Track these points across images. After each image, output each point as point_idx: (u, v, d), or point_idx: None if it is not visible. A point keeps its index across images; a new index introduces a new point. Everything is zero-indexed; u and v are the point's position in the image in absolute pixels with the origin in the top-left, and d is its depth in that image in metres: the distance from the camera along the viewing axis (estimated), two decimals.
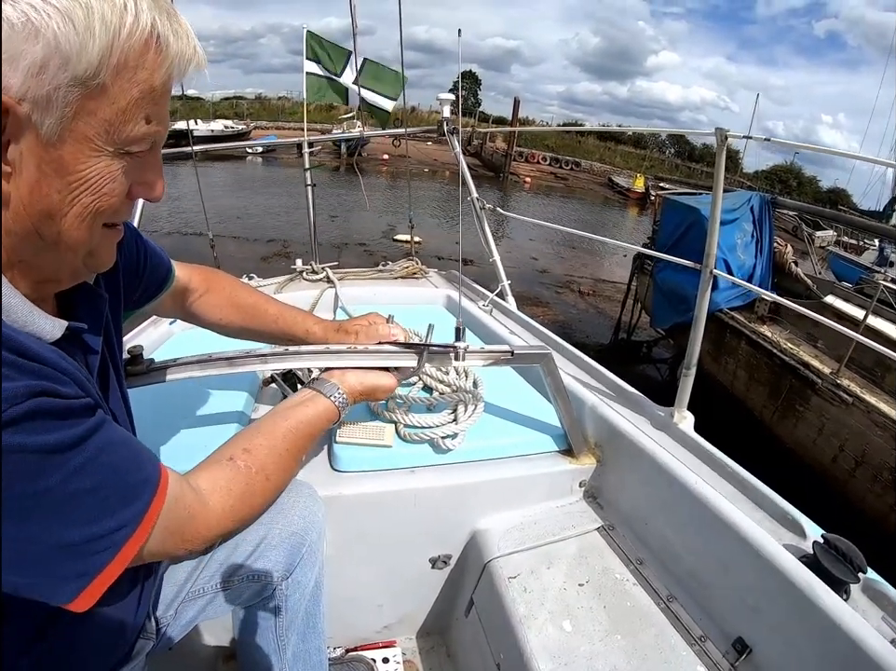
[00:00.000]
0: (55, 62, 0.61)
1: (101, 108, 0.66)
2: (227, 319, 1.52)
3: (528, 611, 1.48)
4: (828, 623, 1.17)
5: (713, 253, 1.86)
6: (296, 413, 1.22)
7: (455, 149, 3.57)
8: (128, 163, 0.73)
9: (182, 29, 0.73)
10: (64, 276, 0.82)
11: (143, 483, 0.80)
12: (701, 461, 1.69)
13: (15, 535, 0.62)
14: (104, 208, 0.73)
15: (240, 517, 1.04)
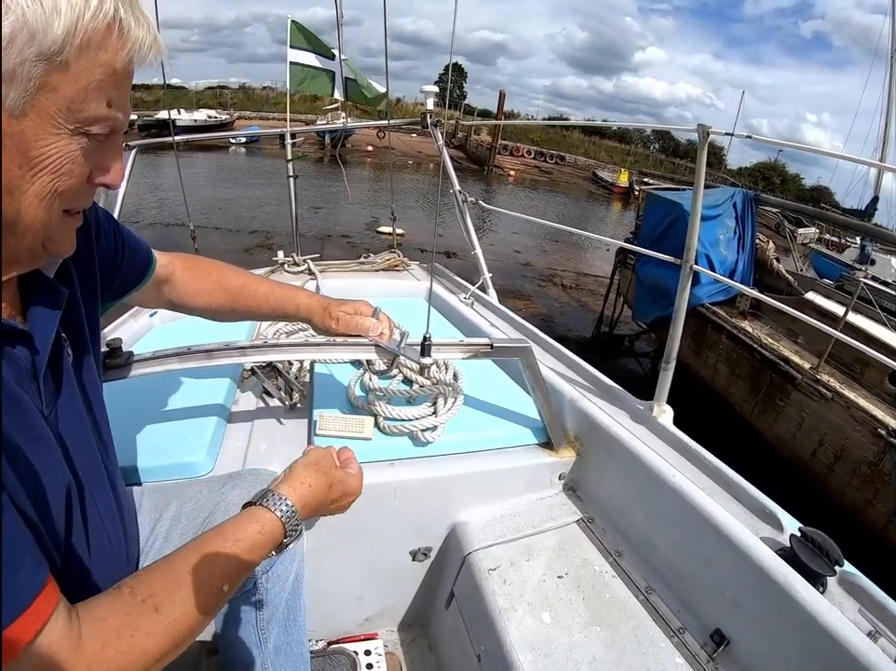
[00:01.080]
0: (22, 37, 0.62)
1: (64, 85, 0.67)
2: (217, 303, 1.49)
3: (508, 603, 1.49)
4: (805, 615, 1.18)
5: (693, 247, 1.87)
6: (219, 531, 0.95)
7: (438, 142, 3.57)
8: (88, 145, 0.73)
9: (143, 17, 0.73)
10: (23, 258, 0.80)
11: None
12: (680, 455, 1.71)
13: None
14: (63, 188, 0.73)
15: (118, 664, 0.75)
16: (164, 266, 1.40)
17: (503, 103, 43.26)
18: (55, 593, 0.72)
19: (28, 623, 0.67)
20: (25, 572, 0.68)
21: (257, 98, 62.14)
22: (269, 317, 1.56)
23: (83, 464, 0.92)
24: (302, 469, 1.13)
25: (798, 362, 6.17)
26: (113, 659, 0.74)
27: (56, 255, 0.85)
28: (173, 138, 3.33)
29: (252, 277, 1.55)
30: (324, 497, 1.13)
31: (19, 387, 0.76)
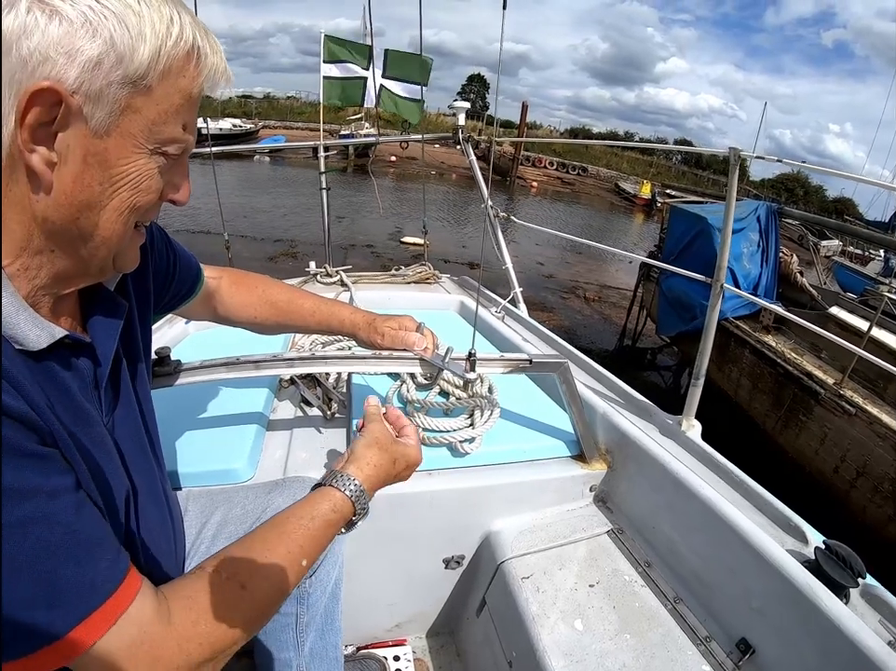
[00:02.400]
0: (109, 60, 0.66)
1: (147, 108, 0.71)
2: (262, 316, 1.52)
3: (541, 610, 1.53)
4: (829, 625, 1.21)
5: (724, 266, 1.91)
6: (293, 510, 0.99)
7: (470, 157, 3.61)
8: (163, 165, 0.77)
9: (216, 46, 0.78)
10: (93, 270, 0.82)
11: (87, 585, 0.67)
12: (708, 468, 1.74)
13: None
14: (140, 204, 0.77)
15: (209, 639, 0.78)
16: (211, 280, 1.43)
17: (525, 115, 43.22)
18: (138, 576, 0.76)
19: (117, 602, 0.70)
20: (110, 557, 0.72)
21: (281, 108, 62.42)
22: (313, 331, 1.60)
23: (137, 470, 0.95)
24: (364, 449, 1.16)
25: (821, 377, 6.10)
26: (204, 634, 0.77)
27: (122, 270, 0.87)
28: (210, 148, 3.38)
29: (297, 291, 1.58)
30: (388, 472, 1.17)
31: (82, 396, 0.79)
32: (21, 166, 0.67)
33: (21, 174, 0.68)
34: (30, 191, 0.69)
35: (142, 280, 1.09)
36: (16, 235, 0.70)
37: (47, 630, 0.63)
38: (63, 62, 0.64)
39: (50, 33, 0.63)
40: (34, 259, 0.73)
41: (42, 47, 0.63)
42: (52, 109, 0.65)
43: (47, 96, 0.64)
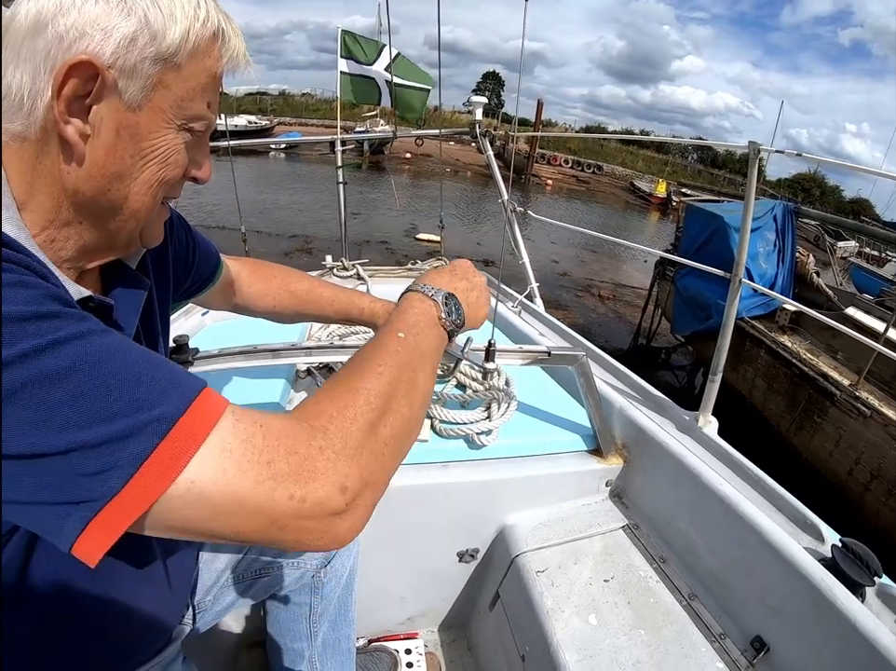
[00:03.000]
0: (143, 38, 0.69)
1: (176, 84, 0.74)
2: (281, 305, 1.52)
3: (555, 605, 1.53)
4: (845, 623, 1.20)
5: (743, 262, 1.90)
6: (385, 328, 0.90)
7: (487, 152, 3.62)
8: (189, 141, 0.80)
9: (237, 29, 0.81)
10: (120, 243, 0.83)
11: (172, 388, 0.60)
12: (725, 465, 1.73)
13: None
14: (168, 178, 0.79)
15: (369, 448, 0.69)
16: (231, 268, 1.43)
17: (541, 112, 43.16)
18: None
19: (210, 395, 0.63)
20: (184, 373, 0.65)
21: (296, 104, 62.66)
22: (332, 320, 1.60)
23: None
24: (433, 273, 1.12)
25: (837, 379, 6.07)
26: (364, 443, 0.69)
27: (147, 244, 0.89)
28: (228, 143, 3.38)
29: (316, 281, 1.58)
30: (459, 287, 1.10)
31: None
32: (55, 137, 0.69)
33: (54, 146, 0.70)
34: (62, 162, 0.71)
35: (162, 264, 1.10)
36: (45, 206, 0.72)
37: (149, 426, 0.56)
38: (100, 38, 0.66)
39: (87, 10, 0.66)
40: (62, 231, 0.74)
41: (79, 23, 0.65)
42: (88, 83, 0.67)
43: (85, 69, 0.66)
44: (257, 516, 0.60)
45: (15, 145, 0.69)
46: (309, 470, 0.62)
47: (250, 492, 0.59)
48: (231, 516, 0.59)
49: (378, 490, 0.71)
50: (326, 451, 0.64)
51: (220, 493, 0.58)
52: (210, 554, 1.32)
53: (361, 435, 0.69)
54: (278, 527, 0.61)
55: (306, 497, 0.61)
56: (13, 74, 0.66)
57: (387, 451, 0.72)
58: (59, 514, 0.54)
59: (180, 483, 0.56)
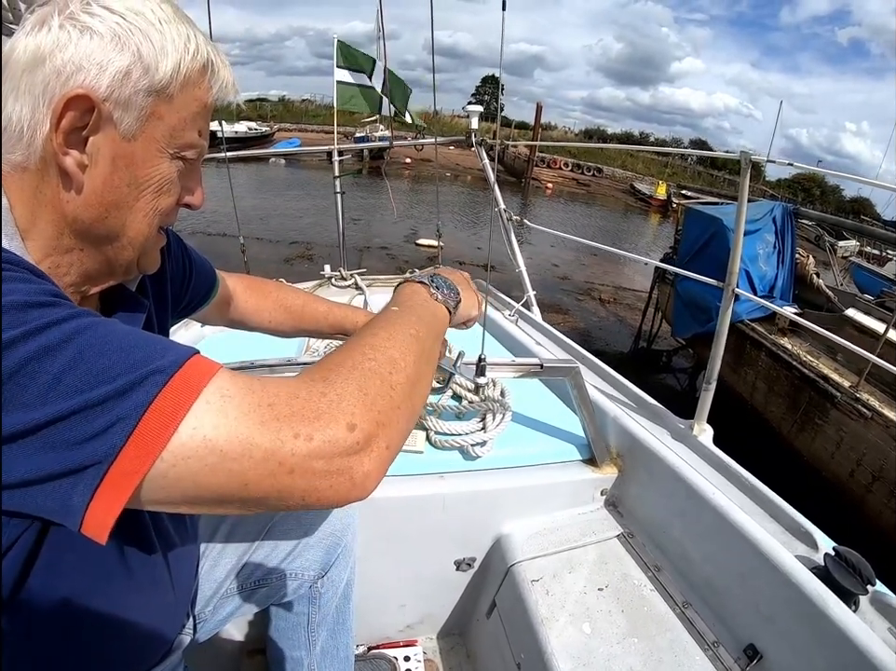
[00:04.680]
0: (137, 71, 0.72)
1: (169, 115, 0.76)
2: (277, 321, 1.53)
3: (550, 613, 1.54)
4: (837, 632, 1.21)
5: (736, 271, 1.91)
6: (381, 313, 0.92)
7: (483, 160, 3.63)
8: (182, 169, 0.82)
9: (225, 61, 0.84)
10: (119, 270, 0.85)
11: (168, 350, 0.61)
12: (719, 473, 1.74)
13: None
14: (163, 206, 0.81)
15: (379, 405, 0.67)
16: (226, 286, 1.44)
17: (540, 116, 43.18)
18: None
19: (204, 358, 0.64)
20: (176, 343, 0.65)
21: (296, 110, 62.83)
22: (327, 335, 1.60)
23: None
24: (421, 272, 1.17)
25: (838, 381, 6.06)
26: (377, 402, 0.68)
27: (145, 271, 0.90)
28: (225, 153, 3.39)
29: (311, 296, 1.59)
30: (450, 278, 1.15)
31: None
32: (55, 168, 0.72)
33: (54, 176, 0.73)
34: (61, 191, 0.73)
35: (161, 285, 1.11)
36: (47, 233, 0.74)
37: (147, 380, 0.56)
38: (96, 72, 0.69)
39: (83, 46, 0.69)
40: (64, 258, 0.77)
41: (76, 58, 0.68)
42: (85, 115, 0.70)
43: (82, 102, 0.69)
44: (264, 460, 0.59)
45: (16, 175, 0.72)
46: (313, 410, 0.62)
47: (254, 433, 0.59)
48: (237, 461, 0.58)
49: (393, 433, 0.69)
50: (329, 394, 0.64)
51: (224, 437, 0.58)
52: (210, 565, 1.33)
53: (364, 378, 0.68)
54: (287, 470, 0.59)
55: (313, 434, 0.60)
56: (13, 106, 0.69)
57: (396, 394, 0.71)
58: (65, 487, 0.54)
59: (182, 431, 0.56)
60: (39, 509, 0.56)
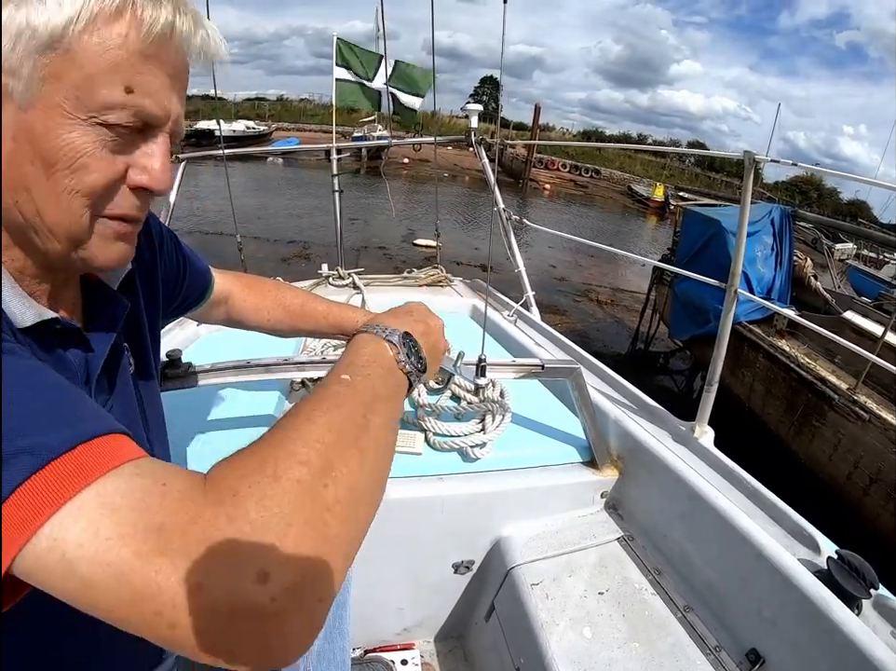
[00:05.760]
0: (27, 32, 0.61)
1: (68, 73, 0.63)
2: (276, 320, 1.50)
3: (550, 618, 1.52)
4: (840, 636, 1.20)
5: (738, 272, 1.90)
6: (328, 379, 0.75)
7: (483, 160, 3.62)
8: (111, 139, 0.67)
9: (170, 5, 0.68)
10: (56, 265, 0.75)
11: (67, 424, 0.51)
12: (721, 476, 1.73)
13: None
14: (84, 186, 0.67)
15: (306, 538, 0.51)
16: (223, 285, 1.42)
17: (538, 117, 43.25)
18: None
19: (119, 442, 0.54)
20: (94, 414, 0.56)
21: (295, 110, 62.95)
22: (326, 334, 1.57)
23: None
24: (386, 315, 1.00)
25: (835, 383, 6.08)
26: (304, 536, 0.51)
27: (93, 267, 0.76)
28: (223, 151, 3.38)
29: (310, 296, 1.56)
30: (417, 329, 0.95)
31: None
32: None
33: None
34: None
35: (152, 282, 1.07)
36: None
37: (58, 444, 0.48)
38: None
39: None
40: (11, 251, 0.71)
41: None
42: None
43: None
44: (137, 603, 0.46)
45: None
46: (210, 546, 0.47)
47: (126, 566, 0.46)
48: (104, 595, 0.47)
49: (328, 576, 0.52)
50: (236, 521, 0.49)
51: (87, 560, 0.46)
52: None
53: (288, 498, 0.52)
54: (167, 623, 0.46)
55: (204, 583, 0.46)
56: None
57: (333, 519, 0.54)
58: None
59: (42, 538, 0.45)
60: None
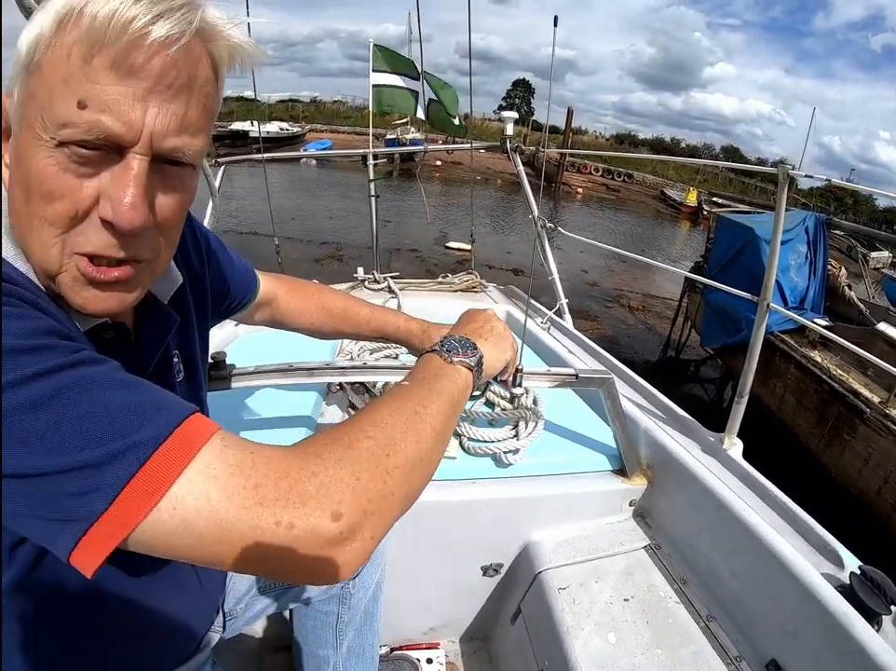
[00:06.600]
0: (17, 55, 0.64)
1: (38, 91, 0.62)
2: (318, 323, 1.53)
3: (575, 622, 1.55)
4: (860, 652, 1.21)
5: (771, 286, 1.92)
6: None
7: (518, 167, 3.65)
8: (73, 161, 0.63)
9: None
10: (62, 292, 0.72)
11: (157, 413, 0.59)
12: (748, 488, 1.74)
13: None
14: (48, 215, 0.64)
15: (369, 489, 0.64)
16: (267, 287, 1.45)
17: (571, 120, 43.06)
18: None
19: (199, 420, 0.62)
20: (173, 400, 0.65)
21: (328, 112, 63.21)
22: (368, 337, 1.60)
23: None
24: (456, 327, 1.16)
25: (867, 396, 5.97)
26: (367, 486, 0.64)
27: (74, 307, 0.72)
28: (262, 156, 3.45)
29: (352, 299, 1.59)
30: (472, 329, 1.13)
31: None
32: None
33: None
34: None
35: (200, 289, 1.11)
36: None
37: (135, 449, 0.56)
38: (6, 68, 0.67)
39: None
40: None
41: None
42: (4, 118, 0.68)
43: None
44: (243, 545, 0.58)
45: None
46: (299, 494, 0.59)
47: (235, 519, 0.57)
48: (217, 545, 0.58)
49: (382, 520, 0.66)
50: (319, 476, 0.61)
51: (203, 520, 0.56)
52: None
53: (359, 461, 0.65)
54: (265, 556, 0.58)
55: (294, 523, 0.58)
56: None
57: (391, 479, 0.67)
58: (52, 530, 0.55)
59: (162, 509, 0.55)
60: (32, 535, 0.60)
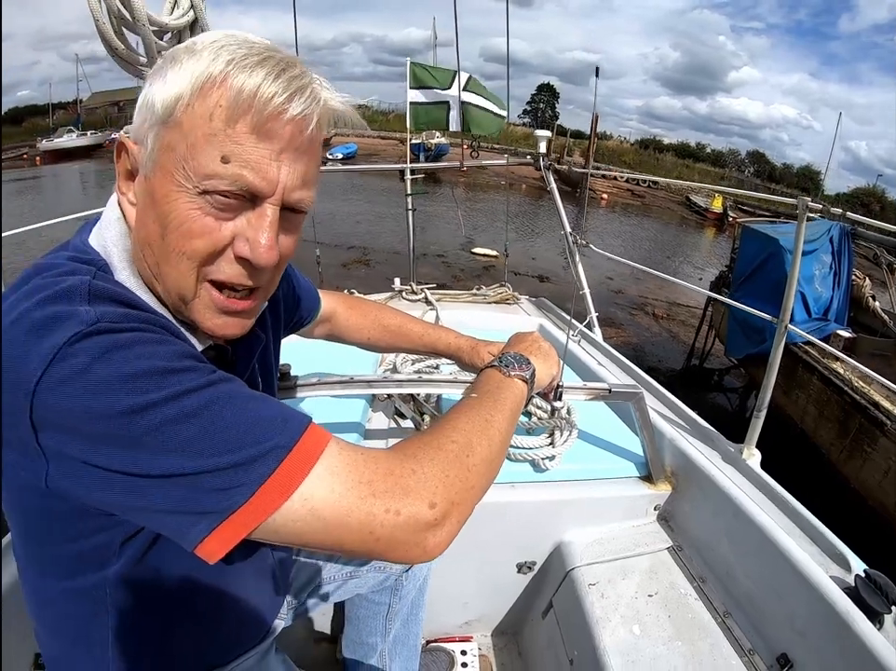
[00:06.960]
0: (148, 107, 0.74)
1: (178, 143, 0.72)
2: (376, 338, 1.66)
3: (604, 614, 1.67)
4: (862, 647, 1.31)
5: (790, 307, 2.01)
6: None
7: (550, 185, 3.76)
8: (215, 206, 0.74)
9: (263, 70, 0.72)
10: (185, 318, 0.84)
11: (285, 423, 0.72)
12: (764, 495, 1.84)
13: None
14: (190, 250, 0.75)
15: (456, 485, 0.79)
16: (327, 305, 1.57)
17: (596, 126, 42.87)
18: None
19: (315, 433, 0.73)
20: (291, 409, 0.76)
21: None
22: (420, 352, 1.75)
23: None
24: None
25: (889, 408, 5.97)
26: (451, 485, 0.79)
27: (203, 329, 0.85)
28: None
29: (406, 317, 1.71)
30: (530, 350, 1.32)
31: None
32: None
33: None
34: (130, 230, 0.82)
35: (276, 313, 1.21)
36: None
37: (273, 452, 0.68)
38: (136, 116, 0.78)
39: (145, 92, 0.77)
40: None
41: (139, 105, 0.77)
42: (126, 158, 0.80)
43: (122, 147, 0.79)
44: (359, 529, 0.70)
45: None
46: (402, 487, 0.73)
47: (354, 507, 0.69)
48: (337, 529, 0.70)
49: (465, 509, 0.81)
50: (417, 473, 0.75)
51: (329, 508, 0.69)
52: (306, 554, 1.44)
53: (447, 461, 0.80)
54: (375, 538, 0.71)
55: (401, 510, 0.71)
56: None
57: (472, 476, 0.82)
58: (188, 522, 0.66)
59: (295, 499, 0.67)
60: (160, 528, 0.71)
